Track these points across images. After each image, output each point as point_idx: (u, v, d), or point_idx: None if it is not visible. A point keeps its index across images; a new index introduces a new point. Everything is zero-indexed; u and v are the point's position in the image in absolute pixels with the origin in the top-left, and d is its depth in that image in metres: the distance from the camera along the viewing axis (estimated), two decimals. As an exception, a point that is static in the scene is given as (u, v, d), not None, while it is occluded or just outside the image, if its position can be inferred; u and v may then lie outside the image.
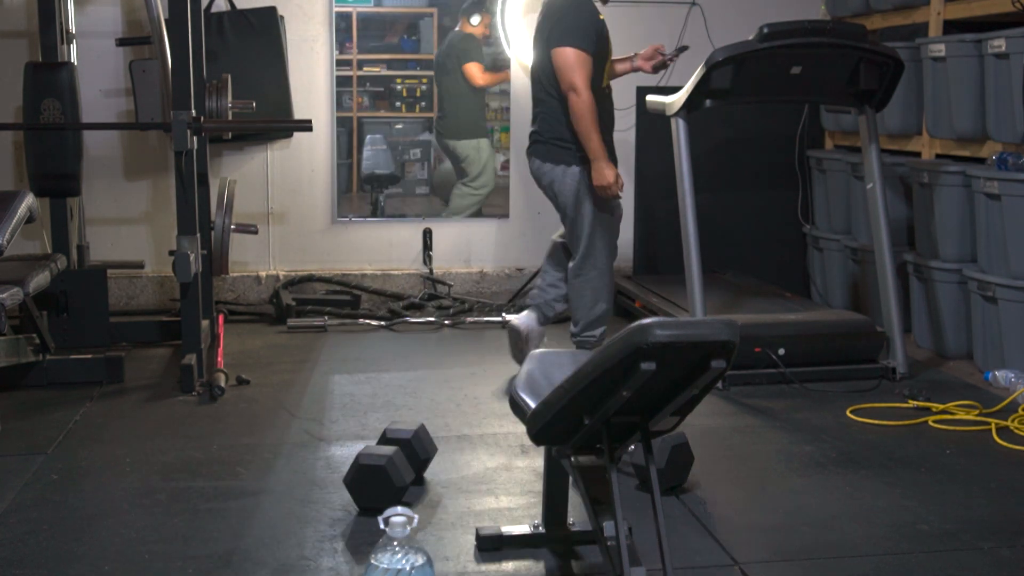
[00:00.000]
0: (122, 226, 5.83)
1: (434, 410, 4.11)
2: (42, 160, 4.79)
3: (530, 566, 2.82)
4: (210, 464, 3.52)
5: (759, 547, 2.95)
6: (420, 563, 2.29)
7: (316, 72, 5.90)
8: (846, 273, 5.64)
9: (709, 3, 6.05)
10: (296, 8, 5.86)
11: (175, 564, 2.79)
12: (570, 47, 4.15)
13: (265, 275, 5.95)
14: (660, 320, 2.18)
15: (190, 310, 4.41)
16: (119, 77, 5.68)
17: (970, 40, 4.68)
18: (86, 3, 5.62)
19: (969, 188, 4.67)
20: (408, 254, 6.09)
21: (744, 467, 3.58)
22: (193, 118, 4.36)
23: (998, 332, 4.47)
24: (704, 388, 2.36)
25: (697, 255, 4.54)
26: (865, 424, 3.98)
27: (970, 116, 4.73)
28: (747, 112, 5.83)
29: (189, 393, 4.25)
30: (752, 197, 6.09)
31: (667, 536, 2.42)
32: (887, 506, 3.22)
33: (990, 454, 3.69)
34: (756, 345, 4.42)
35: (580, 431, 2.46)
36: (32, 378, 4.33)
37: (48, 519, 3.06)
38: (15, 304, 3.89)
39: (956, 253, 4.80)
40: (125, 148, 5.81)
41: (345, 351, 5.02)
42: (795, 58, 4.45)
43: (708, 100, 4.51)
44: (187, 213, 4.39)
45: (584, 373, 2.30)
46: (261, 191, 5.93)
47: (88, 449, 3.65)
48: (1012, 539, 3.00)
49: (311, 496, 3.26)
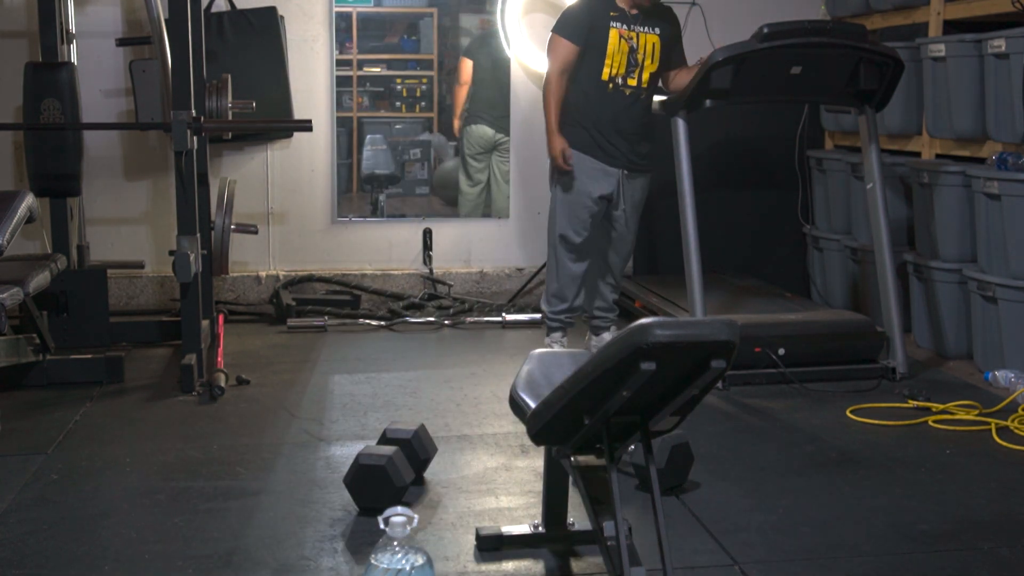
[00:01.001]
0: (122, 226, 5.83)
1: (434, 410, 4.11)
2: (42, 160, 4.79)
3: (530, 566, 2.82)
4: (210, 464, 3.52)
5: (759, 547, 2.95)
6: (420, 563, 2.29)
7: (316, 72, 5.90)
8: (846, 273, 5.64)
9: (709, 3, 6.05)
10: (296, 8, 5.86)
11: (175, 564, 2.79)
12: (555, 33, 4.55)
13: (265, 275, 5.95)
14: (660, 320, 2.18)
15: (190, 310, 4.41)
16: (119, 77, 5.68)
17: (970, 40, 4.68)
18: (86, 3, 5.61)
19: (969, 188, 4.67)
20: (408, 254, 6.08)
21: (744, 467, 3.58)
22: (193, 118, 4.36)
23: (998, 332, 4.47)
24: (704, 388, 2.35)
25: (697, 255, 4.54)
26: (865, 424, 3.98)
27: (970, 116, 4.72)
28: (747, 112, 5.82)
29: (189, 393, 4.25)
30: (752, 197, 6.09)
31: (667, 536, 2.42)
32: (887, 506, 3.22)
33: (990, 454, 3.69)
34: (756, 345, 4.42)
35: (580, 431, 2.46)
36: (32, 378, 4.33)
37: (48, 519, 3.06)
38: (15, 304, 3.89)
39: (956, 253, 4.80)
40: (125, 148, 5.81)
41: (345, 351, 5.02)
42: (795, 58, 4.45)
43: (708, 100, 4.51)
44: (187, 213, 4.39)
45: (584, 373, 2.30)
46: (261, 191, 5.93)
47: (88, 449, 3.65)
48: (1012, 539, 3.00)
49: (311, 496, 3.26)
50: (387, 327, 5.49)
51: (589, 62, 4.51)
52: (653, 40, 4.54)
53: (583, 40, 4.48)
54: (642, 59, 4.52)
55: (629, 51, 4.49)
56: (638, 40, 4.51)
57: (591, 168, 4.58)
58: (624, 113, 4.55)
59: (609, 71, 4.50)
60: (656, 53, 4.55)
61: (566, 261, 4.66)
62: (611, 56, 4.48)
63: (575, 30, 4.49)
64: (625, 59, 4.49)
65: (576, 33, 4.48)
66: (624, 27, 4.50)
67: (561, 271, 4.68)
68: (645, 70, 4.54)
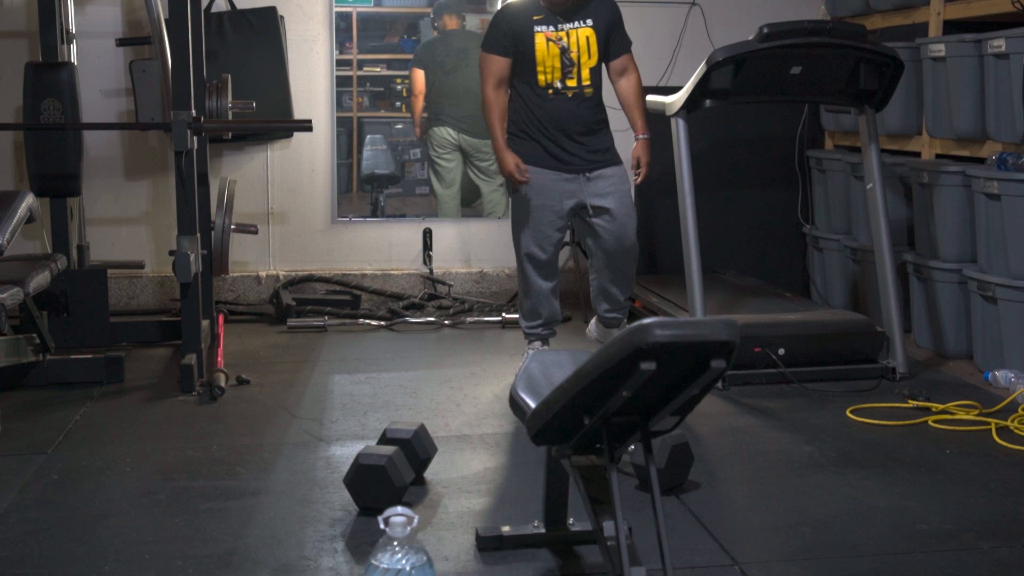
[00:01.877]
0: (122, 226, 5.83)
1: (434, 410, 4.11)
2: (42, 160, 4.79)
3: (530, 566, 2.82)
4: (210, 464, 3.52)
5: (759, 547, 2.95)
6: (420, 563, 2.29)
7: (316, 72, 5.90)
8: (846, 273, 5.64)
9: (709, 3, 6.05)
10: (296, 8, 5.86)
11: (175, 564, 2.79)
12: (482, 50, 4.38)
13: (265, 275, 5.95)
14: (660, 320, 2.18)
15: (190, 310, 4.41)
16: (119, 77, 5.68)
17: (970, 40, 4.68)
18: (86, 3, 5.62)
19: (969, 188, 4.67)
20: (408, 254, 6.09)
21: (744, 467, 3.58)
22: (193, 118, 4.36)
23: (998, 332, 4.47)
24: (704, 388, 2.35)
25: (697, 255, 4.54)
26: (865, 424, 3.98)
27: (970, 116, 4.72)
28: (747, 112, 5.83)
29: (189, 393, 4.25)
30: (752, 197, 6.09)
31: (667, 536, 2.42)
32: (887, 506, 3.22)
33: (990, 454, 3.69)
34: (756, 345, 4.42)
35: (580, 431, 2.46)
36: (32, 378, 4.33)
37: (48, 519, 3.06)
38: (15, 304, 3.89)
39: (956, 253, 4.80)
40: (125, 148, 5.81)
41: (345, 351, 5.02)
42: (795, 58, 4.45)
43: (708, 100, 4.51)
44: (187, 213, 4.39)
45: (584, 373, 2.30)
46: (261, 191, 5.93)
47: (88, 449, 3.65)
48: (1012, 539, 3.00)
49: (311, 496, 3.26)
50: (387, 327, 5.49)
51: (523, 71, 4.31)
52: (586, 34, 4.29)
53: (511, 50, 4.28)
54: (577, 57, 4.28)
55: (561, 53, 4.26)
56: (569, 39, 4.27)
57: (550, 180, 4.33)
58: (570, 116, 4.31)
59: (545, 77, 4.29)
60: (593, 47, 4.30)
61: (535, 279, 4.43)
62: (541, 63, 4.27)
63: (498, 42, 4.30)
64: (558, 62, 4.27)
65: (500, 45, 4.29)
66: (550, 29, 4.27)
67: (532, 288, 4.45)
68: (583, 67, 4.30)
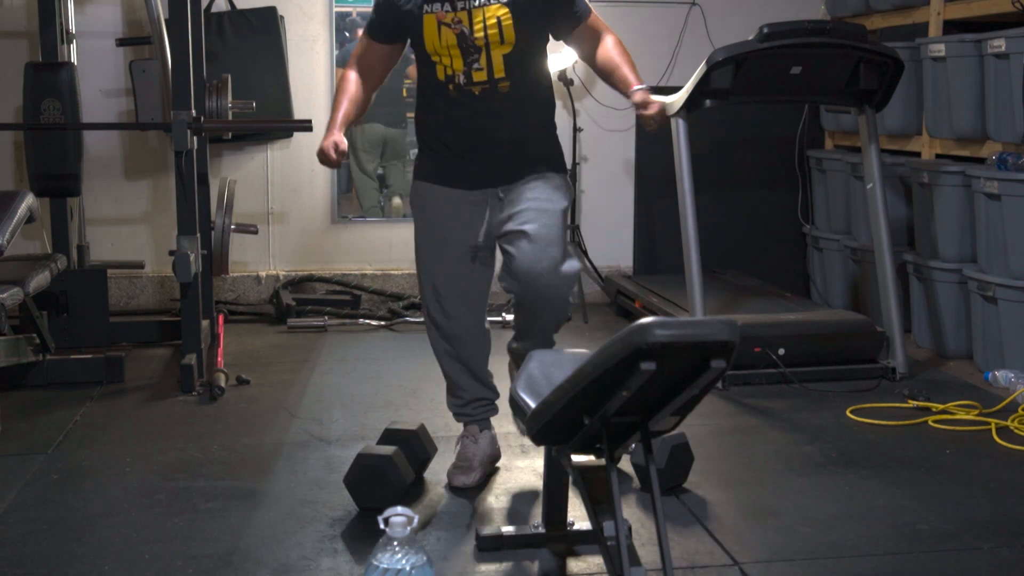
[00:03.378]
0: (122, 226, 5.83)
1: (434, 410, 4.11)
2: (42, 160, 4.79)
3: (530, 566, 2.82)
4: (210, 464, 3.52)
5: (759, 547, 2.95)
6: (420, 563, 2.29)
7: (316, 72, 5.90)
8: (846, 273, 5.64)
9: (709, 3, 6.05)
10: (296, 8, 5.86)
11: (175, 564, 2.79)
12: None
13: (265, 275, 5.95)
14: (660, 320, 2.17)
15: (190, 310, 4.41)
16: (119, 77, 5.68)
17: (970, 40, 4.68)
18: (86, 3, 5.61)
19: (969, 188, 4.67)
20: (408, 254, 6.03)
21: (744, 467, 3.58)
22: (193, 118, 4.36)
23: (998, 332, 4.47)
24: (704, 388, 2.35)
25: (697, 255, 4.54)
26: (865, 424, 3.98)
27: (970, 116, 4.72)
28: (747, 112, 5.82)
29: (189, 393, 4.25)
30: (752, 197, 6.09)
31: (667, 536, 2.42)
32: (887, 506, 3.22)
33: (990, 454, 3.69)
34: (756, 345, 4.42)
35: (580, 431, 2.45)
36: (32, 378, 4.33)
37: (48, 519, 3.06)
38: (15, 304, 3.89)
39: (956, 253, 4.80)
40: (125, 148, 5.81)
41: (345, 351, 5.02)
42: (795, 58, 4.45)
43: (708, 100, 4.51)
44: (187, 213, 4.40)
45: (584, 373, 2.30)
46: (261, 191, 5.93)
47: (88, 449, 3.65)
48: (1012, 539, 3.00)
49: (311, 496, 3.26)
50: (387, 327, 5.49)
51: (420, 65, 3.33)
52: (498, 13, 3.15)
53: (390, 36, 3.30)
54: (483, 43, 3.17)
55: (458, 39, 3.17)
56: (471, 20, 3.15)
57: (452, 205, 3.35)
58: (482, 117, 3.26)
59: (444, 70, 3.24)
60: (507, 30, 3.16)
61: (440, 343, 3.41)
62: (434, 52, 3.22)
63: (373, 23, 3.31)
64: (456, 51, 3.19)
65: (375, 27, 3.31)
66: (444, 8, 3.17)
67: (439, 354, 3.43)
68: (494, 55, 3.19)
